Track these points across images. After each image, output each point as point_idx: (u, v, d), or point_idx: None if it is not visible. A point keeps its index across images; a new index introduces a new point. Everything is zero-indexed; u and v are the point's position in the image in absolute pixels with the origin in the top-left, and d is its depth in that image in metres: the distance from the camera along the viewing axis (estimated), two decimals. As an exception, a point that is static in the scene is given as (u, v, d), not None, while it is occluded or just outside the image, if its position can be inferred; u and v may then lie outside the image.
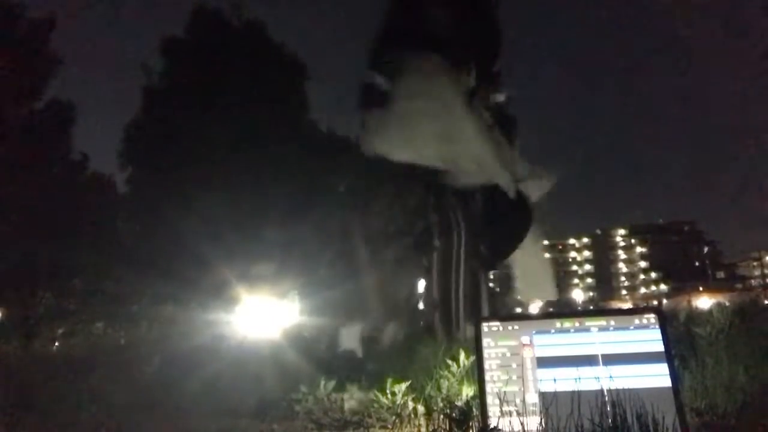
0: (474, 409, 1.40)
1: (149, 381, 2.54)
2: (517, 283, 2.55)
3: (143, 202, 15.40)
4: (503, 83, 2.75)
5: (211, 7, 17.32)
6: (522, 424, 1.29)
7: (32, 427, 2.05)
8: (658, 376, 1.35)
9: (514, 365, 1.40)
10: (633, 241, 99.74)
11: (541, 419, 1.31)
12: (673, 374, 1.34)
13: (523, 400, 1.36)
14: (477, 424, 1.37)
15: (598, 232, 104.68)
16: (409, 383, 1.83)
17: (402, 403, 1.75)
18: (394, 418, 1.73)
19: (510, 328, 1.46)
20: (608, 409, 1.26)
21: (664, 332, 1.39)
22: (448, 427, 1.38)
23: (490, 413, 1.35)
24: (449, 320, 2.47)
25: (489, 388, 1.39)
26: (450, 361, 1.85)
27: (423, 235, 2.54)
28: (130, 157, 16.50)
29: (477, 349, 1.44)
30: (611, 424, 1.22)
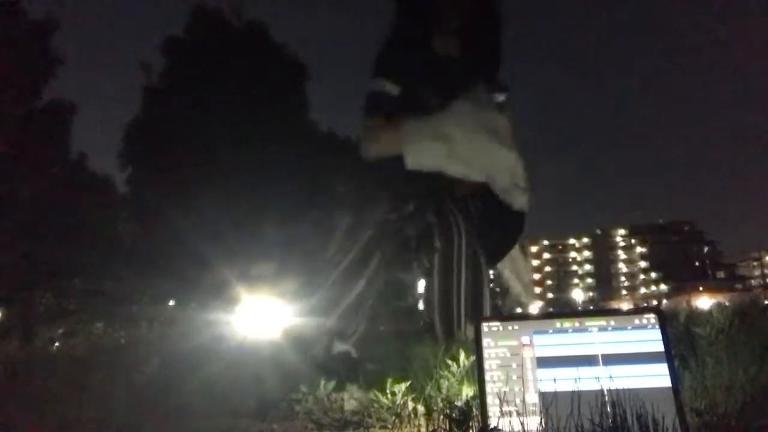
0: (474, 409, 1.40)
1: (149, 381, 2.54)
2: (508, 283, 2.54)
3: (143, 202, 15.42)
4: (504, 83, 2.74)
5: (211, 7, 17.35)
6: (522, 424, 1.29)
7: (32, 428, 2.05)
8: (658, 376, 1.35)
9: (514, 365, 1.40)
10: (633, 241, 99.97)
11: (541, 419, 1.31)
12: (673, 374, 1.34)
13: (523, 400, 1.36)
14: (477, 424, 1.36)
15: (598, 232, 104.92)
16: (409, 383, 1.83)
17: (402, 403, 1.75)
18: (394, 418, 1.72)
19: (510, 328, 1.46)
20: (608, 409, 1.26)
21: (664, 332, 1.39)
22: (448, 427, 1.38)
23: (490, 413, 1.35)
24: (450, 320, 2.47)
25: (489, 388, 1.39)
26: (450, 361, 1.85)
27: (423, 234, 2.53)
28: (130, 157, 16.53)
29: (477, 349, 1.44)
30: (611, 424, 1.22)
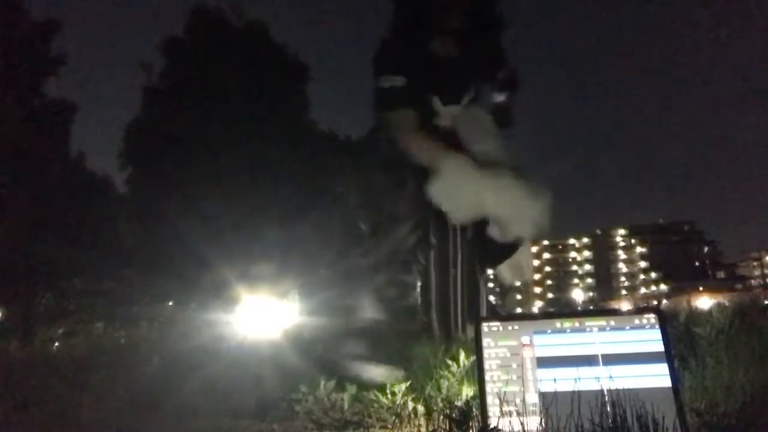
0: (474, 409, 1.40)
1: (149, 381, 2.54)
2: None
3: (143, 202, 15.41)
4: (503, 83, 2.73)
5: (211, 7, 17.34)
6: (522, 424, 1.29)
7: (32, 428, 2.05)
8: (658, 376, 1.35)
9: (514, 365, 1.40)
10: (633, 241, 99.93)
11: (541, 419, 1.31)
12: (673, 374, 1.34)
13: (523, 400, 1.36)
14: (477, 424, 1.36)
15: (598, 232, 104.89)
16: (409, 383, 1.83)
17: (402, 403, 1.75)
18: (394, 418, 1.73)
19: (510, 328, 1.46)
20: (608, 409, 1.26)
21: (664, 332, 1.39)
22: (448, 427, 1.38)
23: (490, 413, 1.35)
24: (447, 318, 2.46)
25: (489, 388, 1.39)
26: (450, 361, 1.85)
27: (420, 233, 2.52)
28: (130, 157, 16.53)
29: (477, 349, 1.44)
30: (611, 424, 1.22)
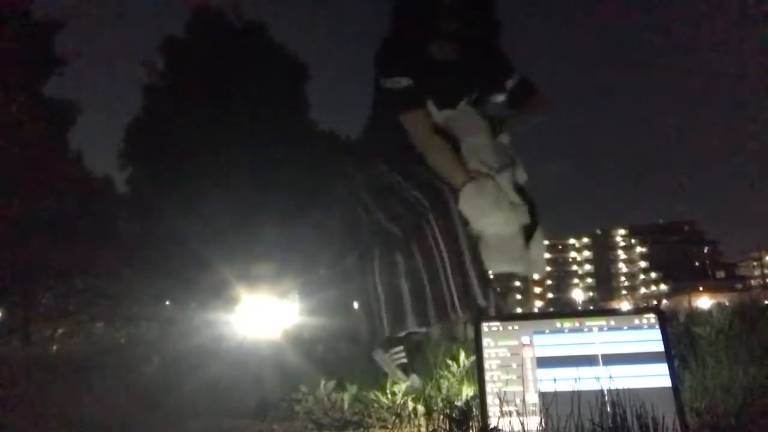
0: (474, 409, 1.40)
1: (149, 381, 2.54)
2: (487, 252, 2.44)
3: (143, 202, 15.42)
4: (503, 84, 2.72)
5: (211, 7, 17.35)
6: (522, 424, 1.29)
7: (32, 428, 2.05)
8: (658, 376, 1.35)
9: (514, 365, 1.40)
10: (633, 241, 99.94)
11: (541, 419, 1.31)
12: (673, 374, 1.34)
13: (523, 400, 1.36)
14: (477, 424, 1.36)
15: (598, 232, 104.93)
16: (409, 383, 1.83)
17: (402, 403, 1.75)
18: (394, 418, 1.72)
19: (510, 328, 1.46)
20: (608, 409, 1.26)
21: (664, 332, 1.39)
22: (448, 427, 1.38)
23: (490, 413, 1.35)
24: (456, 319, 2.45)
25: (489, 388, 1.39)
26: (450, 361, 1.85)
27: (423, 230, 2.51)
28: (130, 157, 16.54)
29: (477, 349, 1.44)
30: (611, 424, 1.22)
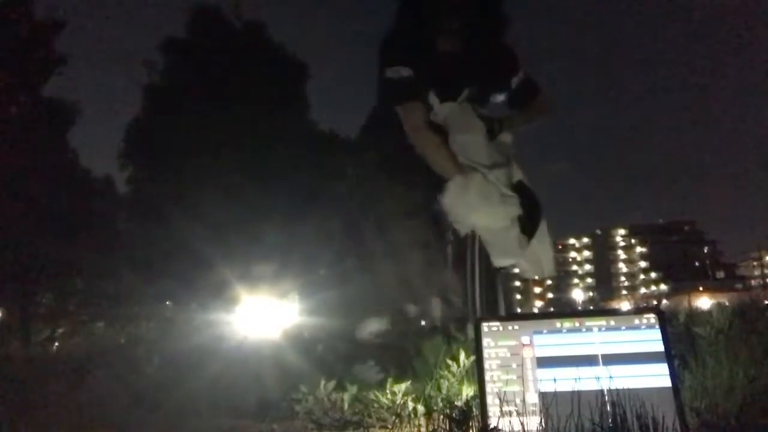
0: (474, 409, 1.40)
1: (149, 381, 2.54)
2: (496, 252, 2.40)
3: (143, 202, 15.42)
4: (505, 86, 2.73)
5: (211, 7, 17.34)
6: (522, 424, 1.29)
7: (32, 428, 2.05)
8: (658, 376, 1.35)
9: (514, 365, 1.40)
10: (633, 241, 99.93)
11: (541, 419, 1.31)
12: (673, 374, 1.34)
13: (523, 400, 1.36)
14: (477, 424, 1.36)
15: (598, 232, 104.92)
16: (409, 383, 1.83)
17: (402, 403, 1.75)
18: (394, 418, 1.73)
19: (510, 328, 1.46)
20: (608, 409, 1.26)
21: (664, 332, 1.39)
22: (448, 427, 1.38)
23: (490, 413, 1.35)
24: (464, 317, 2.45)
25: (489, 388, 1.39)
26: (450, 361, 1.85)
27: (432, 227, 2.51)
28: (130, 157, 16.53)
29: (477, 349, 1.44)
30: (611, 424, 1.22)
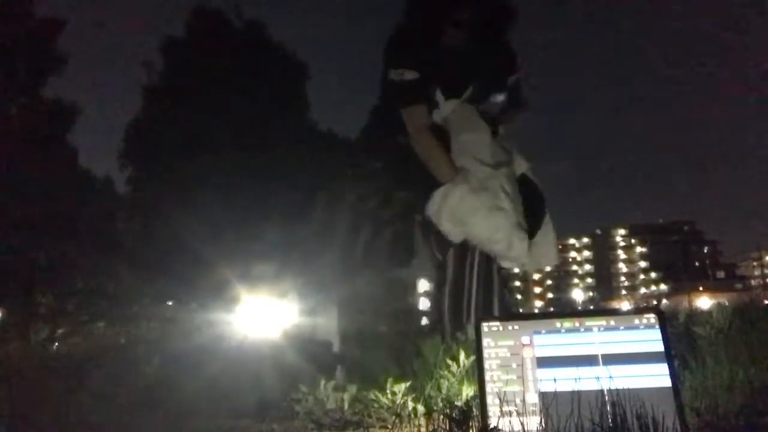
0: (474, 409, 1.40)
1: (149, 381, 2.54)
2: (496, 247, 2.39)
3: (143, 202, 15.42)
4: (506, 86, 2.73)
5: (211, 7, 17.34)
6: (522, 424, 1.29)
7: (31, 428, 2.05)
8: (658, 376, 1.35)
9: (514, 365, 1.40)
10: (633, 241, 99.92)
11: (541, 419, 1.31)
12: (673, 374, 1.34)
13: (523, 400, 1.36)
14: (477, 424, 1.36)
15: (598, 232, 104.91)
16: (409, 383, 1.83)
17: (402, 403, 1.75)
18: (394, 418, 1.73)
19: (510, 328, 1.46)
20: (608, 409, 1.26)
21: (664, 332, 1.39)
22: (448, 427, 1.38)
23: (490, 413, 1.35)
24: (460, 312, 2.45)
25: (489, 388, 1.39)
26: (450, 361, 1.85)
27: (434, 227, 2.51)
28: (130, 157, 16.53)
29: (477, 349, 1.44)
30: (611, 424, 1.22)
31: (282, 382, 2.13)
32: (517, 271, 2.61)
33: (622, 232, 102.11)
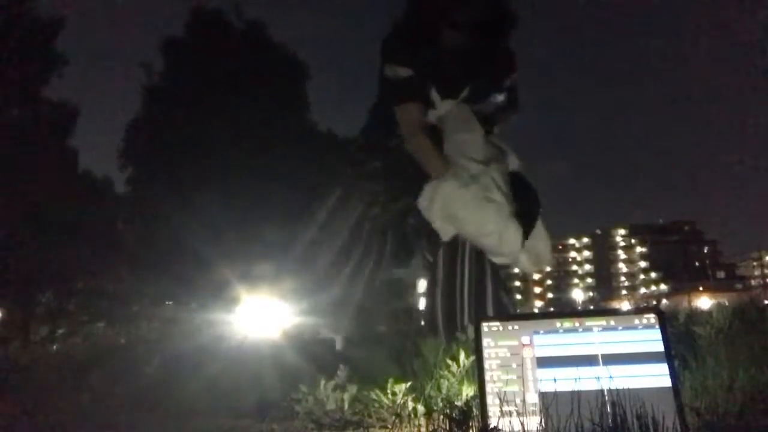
0: (474, 409, 1.40)
1: (149, 381, 2.54)
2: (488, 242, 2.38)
3: (143, 202, 15.43)
4: (503, 84, 2.73)
5: (211, 7, 17.35)
6: (522, 424, 1.29)
7: (32, 428, 2.05)
8: (658, 376, 1.35)
9: (514, 365, 1.40)
10: (633, 241, 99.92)
11: (541, 419, 1.31)
12: (673, 374, 1.34)
13: (523, 400, 1.36)
14: (477, 424, 1.36)
15: (598, 232, 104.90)
16: (410, 383, 1.83)
17: (402, 403, 1.75)
18: (394, 418, 1.73)
19: (510, 328, 1.46)
20: (608, 409, 1.26)
21: (664, 332, 1.39)
22: (448, 427, 1.38)
23: (490, 413, 1.35)
24: (453, 313, 2.44)
25: (489, 388, 1.39)
26: (450, 361, 1.85)
27: (426, 228, 2.51)
28: (130, 157, 16.54)
29: (477, 349, 1.44)
30: (611, 424, 1.22)
31: (282, 382, 2.13)
32: (517, 271, 2.60)
33: (622, 232, 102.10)
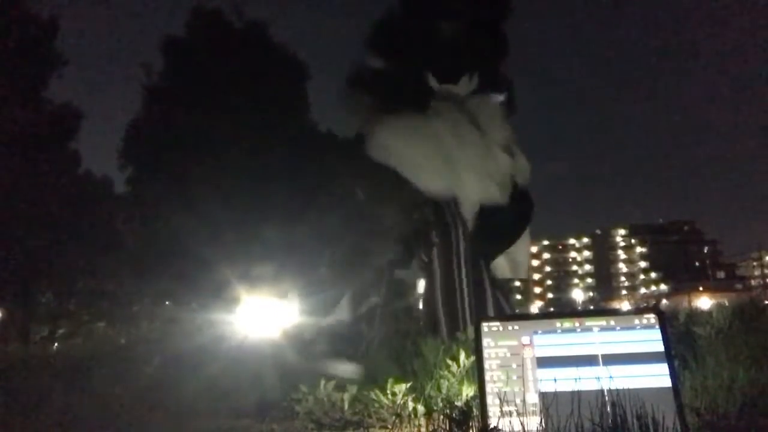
0: (474, 409, 1.40)
1: (149, 381, 2.54)
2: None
3: (143, 202, 15.41)
4: (504, 83, 2.73)
5: (211, 7, 17.33)
6: (522, 424, 1.29)
7: (32, 428, 2.05)
8: (658, 376, 1.35)
9: (514, 365, 1.40)
10: (633, 241, 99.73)
11: (541, 419, 1.31)
12: (673, 374, 1.34)
13: (523, 400, 1.36)
14: (477, 424, 1.36)
15: (598, 232, 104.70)
16: (410, 383, 1.83)
17: (402, 403, 1.75)
18: (394, 418, 1.73)
19: (510, 328, 1.46)
20: (608, 409, 1.26)
21: (664, 332, 1.39)
22: (448, 427, 1.38)
23: (490, 413, 1.36)
24: (455, 314, 2.45)
25: (489, 388, 1.39)
26: (450, 361, 1.85)
27: (420, 229, 2.52)
28: (130, 157, 16.51)
29: (477, 350, 1.44)
30: (611, 424, 1.22)
31: (282, 382, 2.13)
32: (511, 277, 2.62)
33: (622, 232, 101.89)
